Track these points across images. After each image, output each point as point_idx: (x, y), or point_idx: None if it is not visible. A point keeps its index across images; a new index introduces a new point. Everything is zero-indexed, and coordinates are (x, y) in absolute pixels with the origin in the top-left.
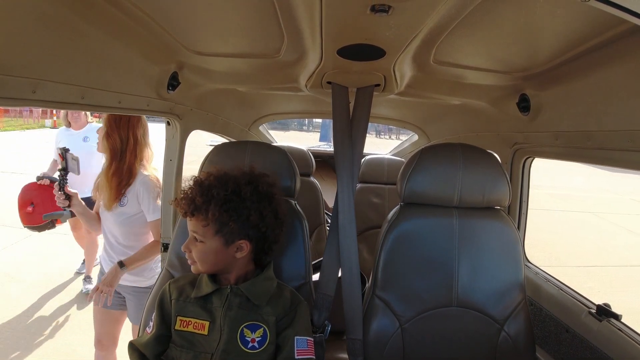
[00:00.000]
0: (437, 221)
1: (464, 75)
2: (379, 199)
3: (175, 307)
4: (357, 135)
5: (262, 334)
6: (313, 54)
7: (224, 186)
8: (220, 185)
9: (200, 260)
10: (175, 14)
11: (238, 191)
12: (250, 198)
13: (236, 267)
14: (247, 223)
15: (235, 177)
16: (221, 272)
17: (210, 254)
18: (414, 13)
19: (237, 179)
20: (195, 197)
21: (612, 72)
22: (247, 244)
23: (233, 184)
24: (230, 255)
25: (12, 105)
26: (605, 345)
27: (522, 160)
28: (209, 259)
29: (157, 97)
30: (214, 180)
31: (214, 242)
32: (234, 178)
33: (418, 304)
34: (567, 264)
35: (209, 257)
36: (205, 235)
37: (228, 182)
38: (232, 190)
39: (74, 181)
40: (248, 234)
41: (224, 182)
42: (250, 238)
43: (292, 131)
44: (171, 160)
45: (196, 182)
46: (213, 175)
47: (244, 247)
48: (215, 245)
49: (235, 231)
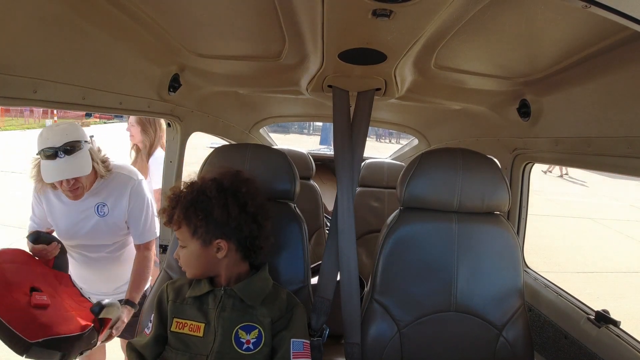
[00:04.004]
0: (436, 226)
1: (465, 81)
2: (379, 203)
3: (171, 309)
4: (357, 139)
5: (257, 335)
6: (314, 57)
7: (191, 188)
8: (187, 189)
9: (185, 264)
10: (177, 16)
11: (203, 190)
12: (214, 195)
13: (222, 268)
14: (213, 220)
15: (205, 178)
16: (209, 274)
17: (192, 257)
18: (415, 18)
19: (205, 180)
20: (169, 206)
21: (613, 78)
22: (224, 244)
23: (199, 185)
24: (211, 256)
25: (13, 104)
26: (604, 351)
27: (522, 166)
28: (192, 263)
29: (158, 99)
30: (185, 186)
31: (193, 244)
32: (204, 180)
33: (416, 309)
34: (566, 270)
35: (191, 260)
36: (185, 239)
37: (195, 184)
38: (198, 190)
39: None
40: (223, 233)
41: (191, 185)
42: (227, 237)
43: (292, 134)
44: (171, 161)
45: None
46: (187, 183)
47: (222, 247)
48: (195, 248)
49: (210, 231)
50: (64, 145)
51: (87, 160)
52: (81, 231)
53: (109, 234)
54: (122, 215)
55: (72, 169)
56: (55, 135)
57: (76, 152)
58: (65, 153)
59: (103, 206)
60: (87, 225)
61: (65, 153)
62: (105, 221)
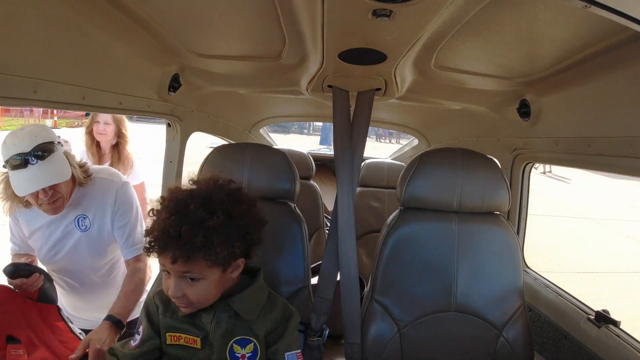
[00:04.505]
0: (436, 226)
1: (465, 81)
2: (379, 203)
3: (163, 323)
4: (357, 139)
5: (252, 350)
6: (314, 57)
7: (195, 214)
8: (190, 216)
9: (200, 299)
10: (177, 16)
11: (210, 211)
12: (222, 212)
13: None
14: (233, 239)
15: (195, 196)
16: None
17: (212, 287)
18: (415, 18)
19: (200, 199)
20: (165, 242)
21: (613, 78)
22: (242, 260)
23: (201, 209)
24: (228, 279)
25: (13, 104)
26: (604, 351)
27: (522, 166)
28: (211, 294)
29: (158, 99)
30: (182, 213)
31: (213, 274)
32: (198, 200)
33: (416, 309)
34: (567, 270)
35: (211, 292)
36: (200, 271)
37: (194, 212)
38: (204, 213)
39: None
40: (240, 249)
41: (194, 213)
42: (244, 252)
43: (292, 134)
44: (171, 161)
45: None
46: (182, 208)
47: (240, 264)
48: (215, 277)
49: (234, 253)
50: (34, 149)
51: (64, 163)
52: (60, 253)
53: (92, 253)
54: (106, 226)
55: (49, 176)
56: (22, 140)
57: (50, 156)
58: (38, 158)
59: (84, 218)
60: (67, 245)
61: (38, 158)
62: (88, 236)
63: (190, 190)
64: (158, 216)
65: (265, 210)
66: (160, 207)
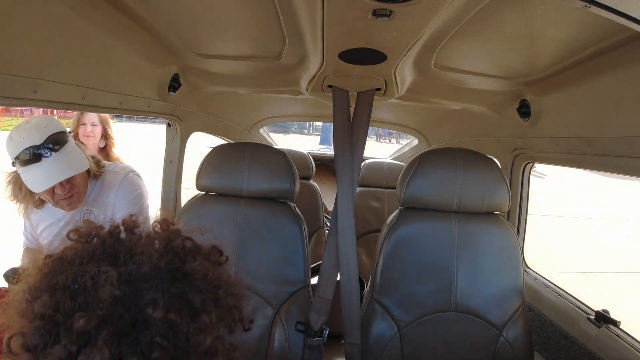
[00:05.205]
0: (436, 226)
1: (465, 80)
2: (379, 203)
3: None
4: (357, 139)
5: None
6: (314, 57)
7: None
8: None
9: None
10: (177, 16)
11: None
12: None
13: None
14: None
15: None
16: None
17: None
18: (415, 18)
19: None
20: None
21: (612, 78)
22: None
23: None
24: None
25: (13, 104)
26: (604, 351)
27: (522, 166)
28: None
29: (158, 99)
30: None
31: None
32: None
33: (416, 309)
34: (567, 270)
35: None
36: None
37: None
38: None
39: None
40: None
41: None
42: None
43: (292, 134)
44: (171, 161)
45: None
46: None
47: None
48: None
49: None
50: (46, 141)
51: (79, 153)
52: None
53: None
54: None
55: (66, 168)
56: (30, 133)
57: (63, 147)
58: (51, 150)
59: (89, 213)
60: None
61: (51, 150)
62: None
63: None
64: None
65: (265, 210)
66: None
